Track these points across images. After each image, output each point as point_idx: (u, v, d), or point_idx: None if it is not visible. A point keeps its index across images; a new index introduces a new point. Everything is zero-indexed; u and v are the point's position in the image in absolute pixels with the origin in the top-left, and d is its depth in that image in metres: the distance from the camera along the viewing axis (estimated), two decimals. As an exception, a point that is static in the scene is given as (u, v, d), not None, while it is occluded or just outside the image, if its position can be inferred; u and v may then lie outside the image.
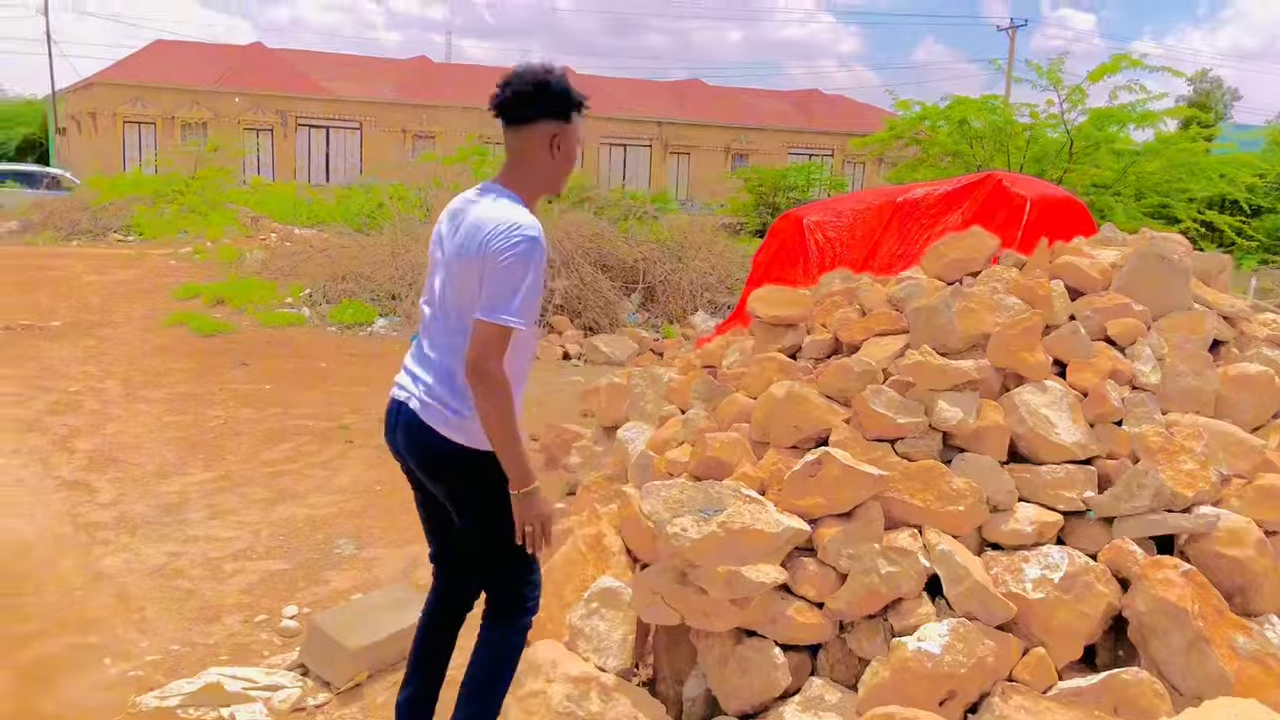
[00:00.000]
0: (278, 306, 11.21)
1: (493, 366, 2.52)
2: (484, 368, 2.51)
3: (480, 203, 2.71)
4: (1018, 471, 3.32)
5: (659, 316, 10.45)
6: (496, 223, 2.58)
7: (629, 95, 42.41)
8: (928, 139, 16.62)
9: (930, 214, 7.71)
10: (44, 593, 4.11)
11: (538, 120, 2.70)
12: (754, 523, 3.03)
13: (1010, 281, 3.87)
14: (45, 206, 21.98)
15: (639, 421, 4.86)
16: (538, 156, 2.73)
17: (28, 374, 7.97)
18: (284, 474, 5.69)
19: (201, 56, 38.09)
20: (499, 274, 2.53)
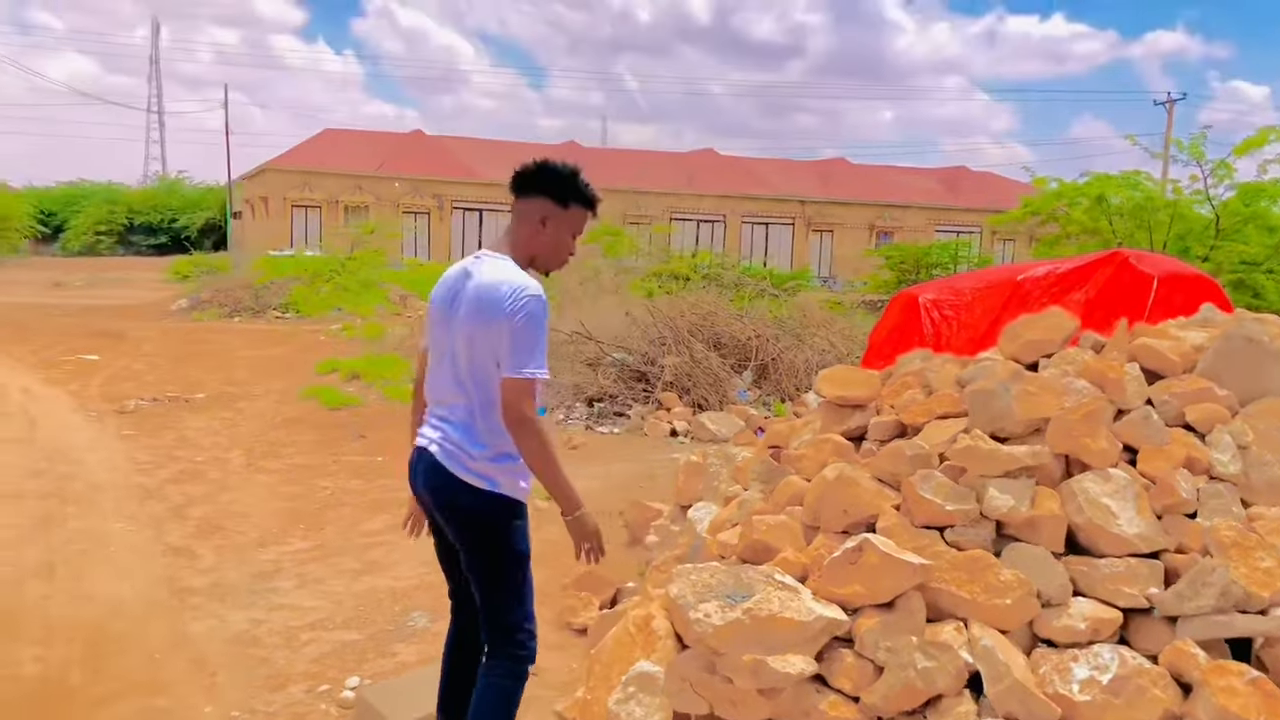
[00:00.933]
0: (408, 381, 11.58)
1: (528, 413, 2.80)
2: (521, 416, 2.79)
3: (482, 267, 2.95)
4: (1075, 564, 3.14)
5: (771, 394, 10.36)
6: (510, 286, 2.82)
7: (773, 174, 42.71)
8: (1065, 216, 16.15)
9: (1052, 292, 7.48)
10: (128, 654, 4.29)
11: (533, 196, 3.00)
12: (782, 610, 2.95)
13: (1081, 364, 3.71)
14: (213, 285, 23.42)
15: (710, 501, 4.82)
16: (527, 229, 3.00)
17: (165, 444, 8.44)
18: (377, 545, 5.82)
19: (365, 144, 40.21)
20: (518, 334, 2.79)
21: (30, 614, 4.68)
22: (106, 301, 23.22)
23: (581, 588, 4.80)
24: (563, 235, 3.05)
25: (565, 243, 3.07)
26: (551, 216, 3.00)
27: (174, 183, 57.69)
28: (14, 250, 40.98)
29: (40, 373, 12.33)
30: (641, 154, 46.11)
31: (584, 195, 3.04)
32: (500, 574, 3.00)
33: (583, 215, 3.08)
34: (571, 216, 3.04)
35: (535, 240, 3.00)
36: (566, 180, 3.01)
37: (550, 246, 3.03)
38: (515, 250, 2.98)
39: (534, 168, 3.00)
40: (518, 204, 3.03)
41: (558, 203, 3.00)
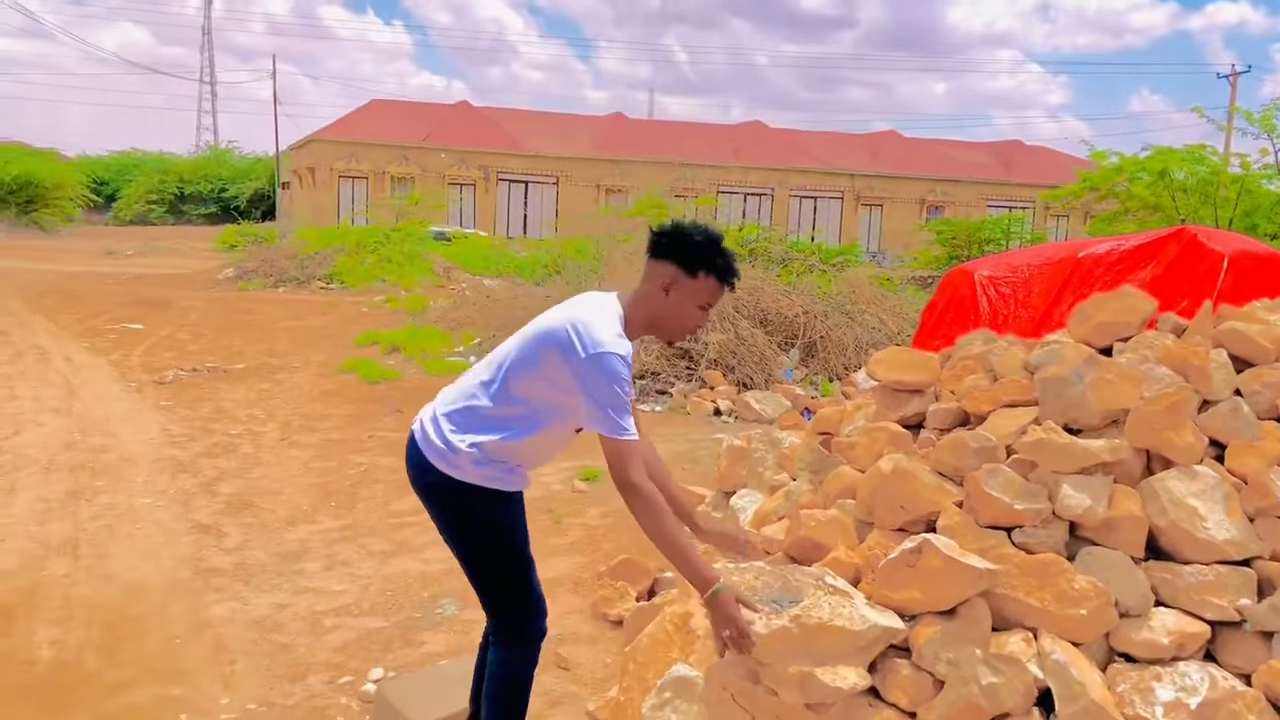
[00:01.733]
0: (448, 355, 11.43)
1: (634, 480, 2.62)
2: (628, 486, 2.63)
3: (576, 303, 2.82)
4: (1156, 571, 2.85)
5: (819, 373, 10.06)
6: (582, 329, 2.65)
7: (822, 147, 42.09)
8: (1125, 192, 15.59)
9: (1115, 270, 7.12)
10: (146, 639, 4.14)
11: (663, 260, 2.79)
12: (833, 618, 2.69)
13: (1162, 349, 3.40)
14: (259, 255, 23.46)
15: (755, 489, 4.56)
16: (651, 292, 2.81)
17: (201, 415, 8.32)
18: (408, 525, 5.64)
19: (412, 115, 40.14)
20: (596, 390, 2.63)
21: (51, 594, 4.54)
22: (156, 270, 23.36)
23: (618, 577, 4.57)
24: (687, 306, 2.81)
25: (690, 314, 2.84)
26: (676, 285, 2.78)
27: (224, 153, 58.14)
28: (67, 219, 41.45)
29: (84, 341, 12.32)
30: (688, 126, 45.67)
31: (716, 265, 2.79)
32: (475, 561, 2.94)
33: (715, 288, 2.82)
34: (700, 288, 2.79)
35: (657, 305, 2.81)
36: (699, 249, 2.77)
37: (672, 316, 2.83)
38: (631, 307, 2.82)
39: (668, 231, 2.81)
40: (649, 263, 2.84)
41: (686, 272, 2.77)
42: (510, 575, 2.95)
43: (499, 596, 2.98)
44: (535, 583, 3.01)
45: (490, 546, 2.91)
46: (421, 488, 2.93)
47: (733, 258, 2.85)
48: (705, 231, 2.80)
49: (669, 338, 2.96)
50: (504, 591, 2.97)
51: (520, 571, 2.96)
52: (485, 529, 2.89)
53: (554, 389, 2.73)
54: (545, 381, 2.73)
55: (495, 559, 2.92)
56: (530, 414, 2.81)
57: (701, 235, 2.78)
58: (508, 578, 2.95)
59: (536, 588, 3.01)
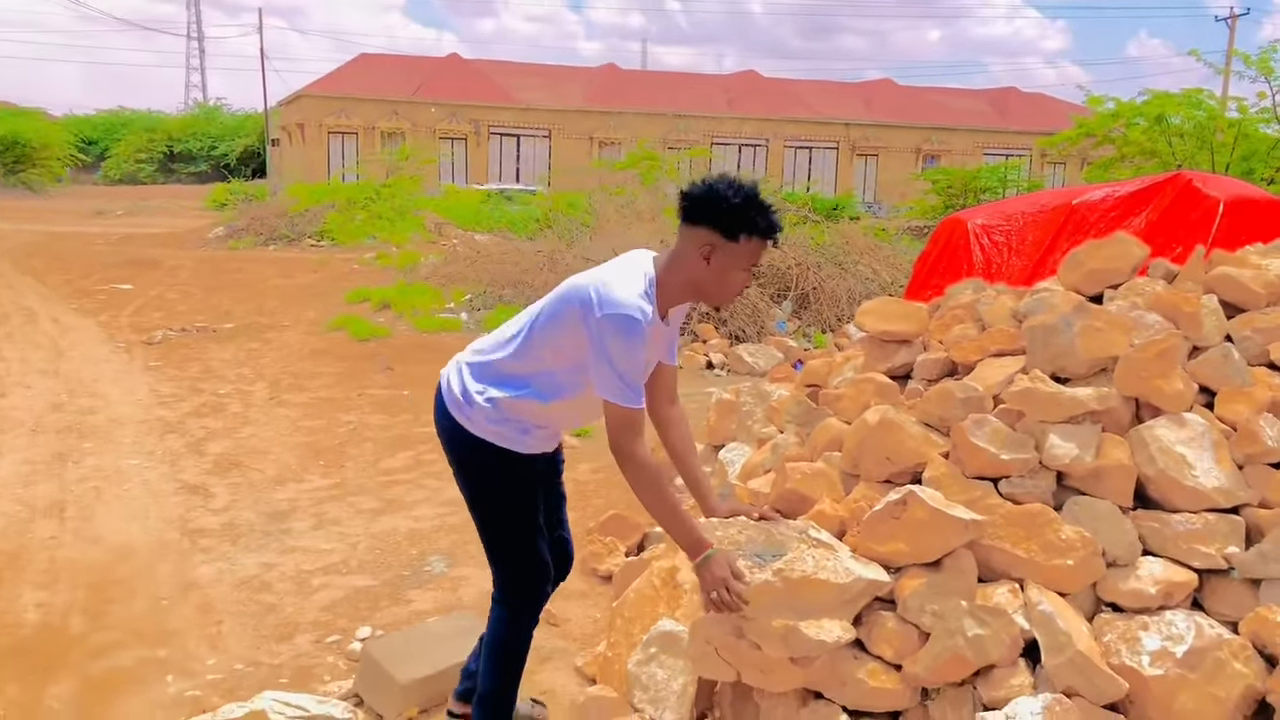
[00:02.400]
0: (438, 312, 11.35)
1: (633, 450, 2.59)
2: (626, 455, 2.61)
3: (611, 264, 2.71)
4: (1144, 520, 2.83)
5: (812, 325, 10.00)
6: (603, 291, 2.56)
7: (815, 96, 41.70)
8: (1121, 138, 15.44)
9: (1110, 217, 7.08)
10: (133, 600, 4.12)
11: (700, 225, 2.62)
12: (817, 571, 2.66)
13: (1152, 296, 3.35)
14: (249, 213, 23.27)
15: (743, 442, 4.53)
16: (689, 259, 2.65)
17: (190, 375, 8.28)
18: (397, 483, 5.61)
19: (402, 69, 39.65)
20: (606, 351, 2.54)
21: (36, 556, 4.52)
22: (146, 230, 23.19)
23: (606, 532, 4.55)
24: (732, 271, 2.66)
25: (735, 278, 2.68)
26: (718, 251, 2.62)
27: (213, 110, 57.49)
28: (56, 179, 41.08)
29: (73, 302, 12.24)
30: (682, 76, 45.20)
31: (758, 224, 2.61)
32: (483, 512, 2.91)
33: (759, 248, 2.66)
34: (743, 251, 2.63)
35: (698, 273, 2.65)
36: (738, 213, 2.58)
37: (716, 282, 2.67)
38: (669, 272, 2.68)
39: (702, 192, 2.62)
40: (682, 228, 2.68)
41: (726, 237, 2.60)
42: (511, 535, 2.91)
43: (499, 553, 2.96)
44: (540, 547, 2.95)
45: (494, 504, 2.88)
46: (440, 434, 2.90)
47: (772, 210, 2.65)
48: (741, 190, 2.60)
49: (715, 303, 2.90)
50: (504, 550, 2.94)
51: (522, 533, 2.91)
52: (490, 485, 2.85)
53: (576, 349, 2.64)
54: (568, 340, 2.65)
55: (497, 517, 2.90)
56: (553, 374, 2.74)
57: (740, 196, 2.58)
58: (509, 537, 2.92)
59: (541, 552, 2.96)
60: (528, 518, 2.91)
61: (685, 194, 2.66)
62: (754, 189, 2.64)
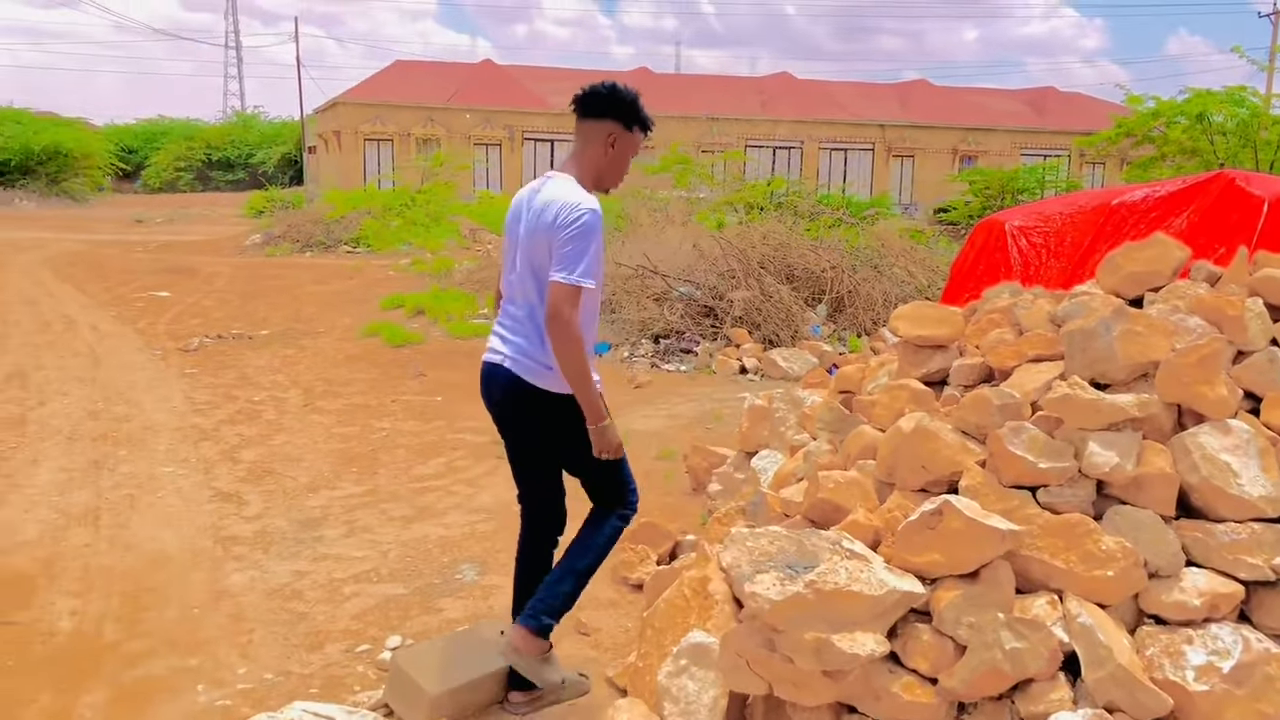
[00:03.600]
0: (472, 317, 11.37)
1: (567, 318, 3.00)
2: (560, 320, 3.00)
3: (547, 185, 3.19)
4: (1188, 530, 2.75)
5: (847, 329, 9.91)
6: (563, 201, 3.07)
7: (851, 98, 41.47)
8: (1161, 137, 15.19)
9: (1150, 218, 6.94)
10: (166, 608, 4.12)
11: (603, 118, 3.21)
12: (850, 583, 2.60)
13: (1194, 299, 3.26)
14: (286, 220, 23.47)
15: (776, 449, 4.48)
16: (596, 149, 3.23)
17: (225, 382, 8.33)
18: (430, 490, 5.60)
19: (436, 75, 39.85)
20: (568, 243, 3.01)
21: (71, 564, 4.54)
22: (184, 238, 23.44)
23: (638, 540, 4.50)
24: (626, 156, 3.28)
25: (626, 162, 3.31)
26: (620, 139, 3.23)
27: (250, 118, 58.11)
28: (97, 188, 41.67)
29: (111, 310, 12.36)
30: (715, 79, 45.09)
31: (644, 120, 3.26)
32: (585, 460, 3.23)
33: (640, 138, 3.30)
34: (633, 139, 3.26)
35: (602, 160, 3.23)
36: (633, 105, 3.22)
37: (614, 166, 3.27)
38: (582, 170, 3.22)
39: (605, 91, 3.20)
40: (583, 124, 3.22)
41: (624, 126, 3.22)
42: (621, 465, 3.35)
43: (604, 480, 3.38)
44: (629, 470, 3.43)
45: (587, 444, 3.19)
46: (526, 408, 3.23)
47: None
48: (630, 90, 3.23)
49: (611, 186, 3.33)
50: (610, 476, 3.36)
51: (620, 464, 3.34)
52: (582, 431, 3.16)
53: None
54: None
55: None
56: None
57: (630, 93, 3.22)
58: (619, 468, 3.35)
59: (631, 473, 3.44)
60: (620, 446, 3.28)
61: (590, 92, 3.19)
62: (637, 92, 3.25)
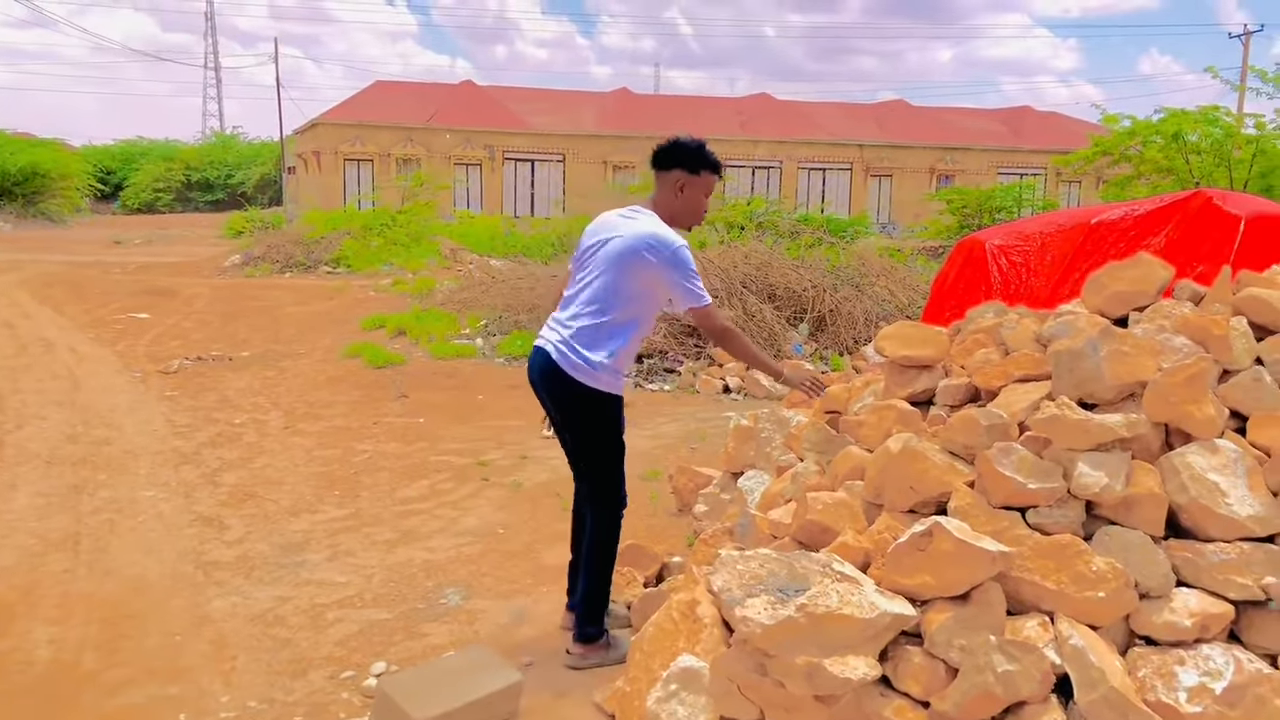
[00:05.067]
0: (454, 338, 11.32)
1: (726, 325, 3.76)
2: (722, 328, 3.74)
3: (640, 218, 3.69)
4: (1177, 550, 2.75)
5: (829, 347, 9.92)
6: (652, 234, 3.60)
7: (828, 118, 41.74)
8: (1137, 156, 15.33)
9: (1129, 236, 6.98)
10: (146, 636, 4.06)
11: (670, 168, 3.74)
12: (841, 606, 2.59)
13: (1179, 318, 3.28)
14: (266, 240, 23.35)
15: (762, 469, 4.47)
16: (668, 194, 3.75)
17: (205, 405, 8.25)
18: (413, 513, 5.56)
19: (416, 96, 39.86)
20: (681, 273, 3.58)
21: (50, 591, 4.48)
22: (163, 259, 23.26)
23: (624, 563, 4.46)
24: (697, 197, 3.77)
25: (700, 203, 3.80)
26: (687, 184, 3.73)
27: (229, 139, 57.96)
28: (75, 209, 41.39)
29: (90, 332, 12.25)
30: (694, 100, 45.31)
31: (710, 162, 3.76)
32: (600, 447, 3.79)
33: (711, 179, 3.79)
34: (704, 182, 3.76)
35: (675, 203, 3.74)
36: (695, 153, 3.72)
37: (687, 207, 3.77)
38: (658, 210, 3.71)
39: (670, 145, 3.74)
40: (658, 174, 3.75)
41: (690, 171, 3.72)
42: (615, 460, 3.83)
43: (605, 475, 3.82)
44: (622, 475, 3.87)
45: (606, 438, 3.79)
46: (555, 394, 3.74)
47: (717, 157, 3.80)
48: (694, 140, 3.75)
49: (688, 225, 3.83)
50: (609, 471, 3.82)
51: (621, 457, 3.85)
52: (606, 425, 3.76)
53: (651, 289, 3.65)
54: (644, 286, 3.62)
55: (607, 448, 3.80)
56: (639, 315, 3.71)
57: (693, 143, 3.73)
58: (613, 462, 3.82)
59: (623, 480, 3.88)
60: (623, 444, 3.87)
61: (658, 148, 3.75)
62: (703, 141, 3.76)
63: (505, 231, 24.86)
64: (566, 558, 4.23)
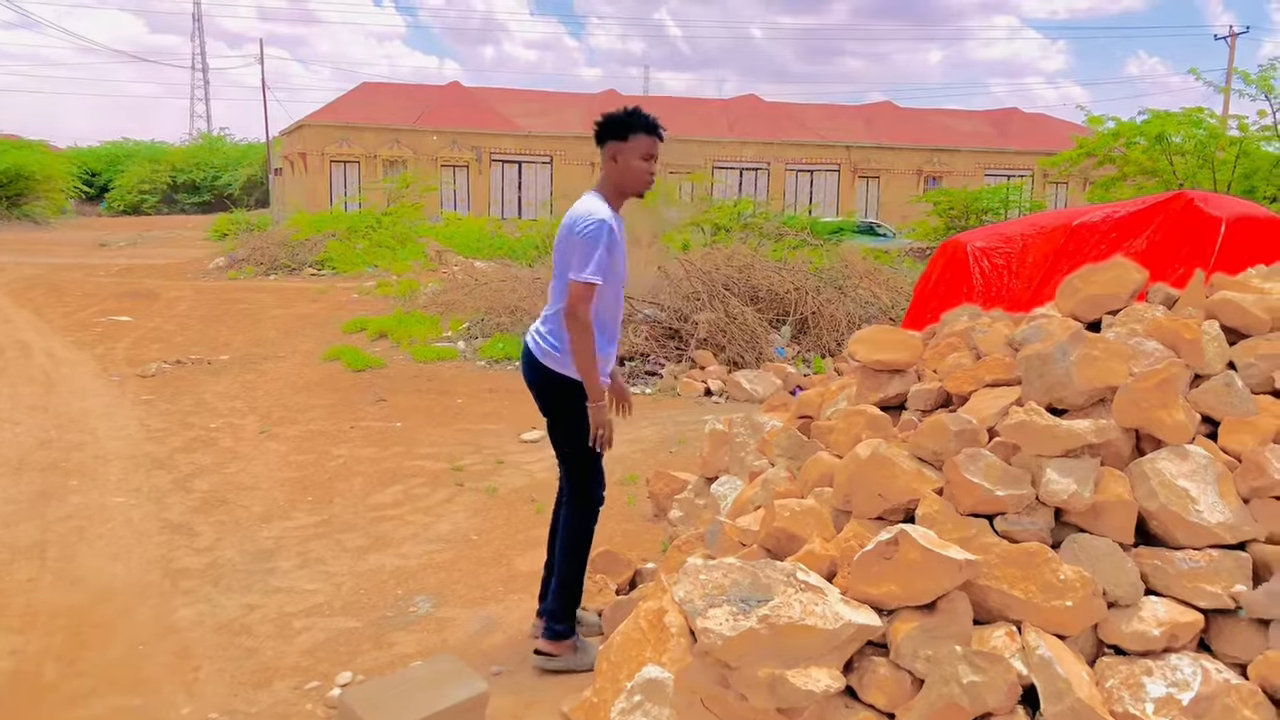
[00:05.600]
0: (436, 341, 11.26)
1: (581, 312, 3.55)
2: (574, 313, 3.55)
3: (577, 203, 3.71)
4: (1146, 558, 2.71)
5: (811, 350, 9.89)
6: (578, 214, 3.63)
7: (816, 119, 41.75)
8: (1122, 157, 15.34)
9: (1110, 239, 6.96)
10: (110, 646, 4.00)
11: (605, 142, 3.72)
12: (804, 617, 2.54)
13: (1151, 322, 3.24)
14: (250, 243, 23.25)
15: (736, 475, 4.42)
16: (608, 167, 3.73)
17: (181, 409, 8.18)
18: (386, 519, 5.50)
19: (403, 97, 39.78)
20: (578, 247, 3.55)
21: (14, 599, 4.41)
22: (148, 261, 23.15)
23: (596, 569, 4.42)
24: (633, 162, 3.68)
25: (637, 167, 3.69)
26: (619, 152, 3.68)
27: (216, 140, 57.73)
28: (59, 211, 41.17)
29: (70, 335, 12.16)
30: (682, 101, 45.26)
31: (641, 124, 3.68)
32: (576, 438, 3.75)
33: (647, 141, 3.68)
34: (636, 145, 3.67)
35: (614, 174, 3.71)
36: (622, 120, 3.68)
37: (626, 174, 3.69)
38: (602, 187, 3.73)
39: (599, 121, 3.73)
40: (601, 154, 3.73)
41: (619, 139, 3.67)
42: (585, 457, 3.79)
43: (580, 468, 3.83)
44: (599, 473, 3.88)
45: (582, 429, 3.70)
46: (534, 383, 3.82)
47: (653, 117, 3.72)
48: (627, 109, 3.71)
49: (635, 191, 3.75)
50: (584, 465, 3.81)
51: (590, 459, 3.81)
52: (580, 416, 3.69)
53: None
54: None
55: (583, 439, 3.72)
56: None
57: (621, 111, 3.71)
58: (589, 454, 3.78)
59: (599, 478, 3.88)
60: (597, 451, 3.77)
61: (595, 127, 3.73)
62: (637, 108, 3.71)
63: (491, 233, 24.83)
64: (540, 564, 4.19)
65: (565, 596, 3.83)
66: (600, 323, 3.71)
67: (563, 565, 3.84)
